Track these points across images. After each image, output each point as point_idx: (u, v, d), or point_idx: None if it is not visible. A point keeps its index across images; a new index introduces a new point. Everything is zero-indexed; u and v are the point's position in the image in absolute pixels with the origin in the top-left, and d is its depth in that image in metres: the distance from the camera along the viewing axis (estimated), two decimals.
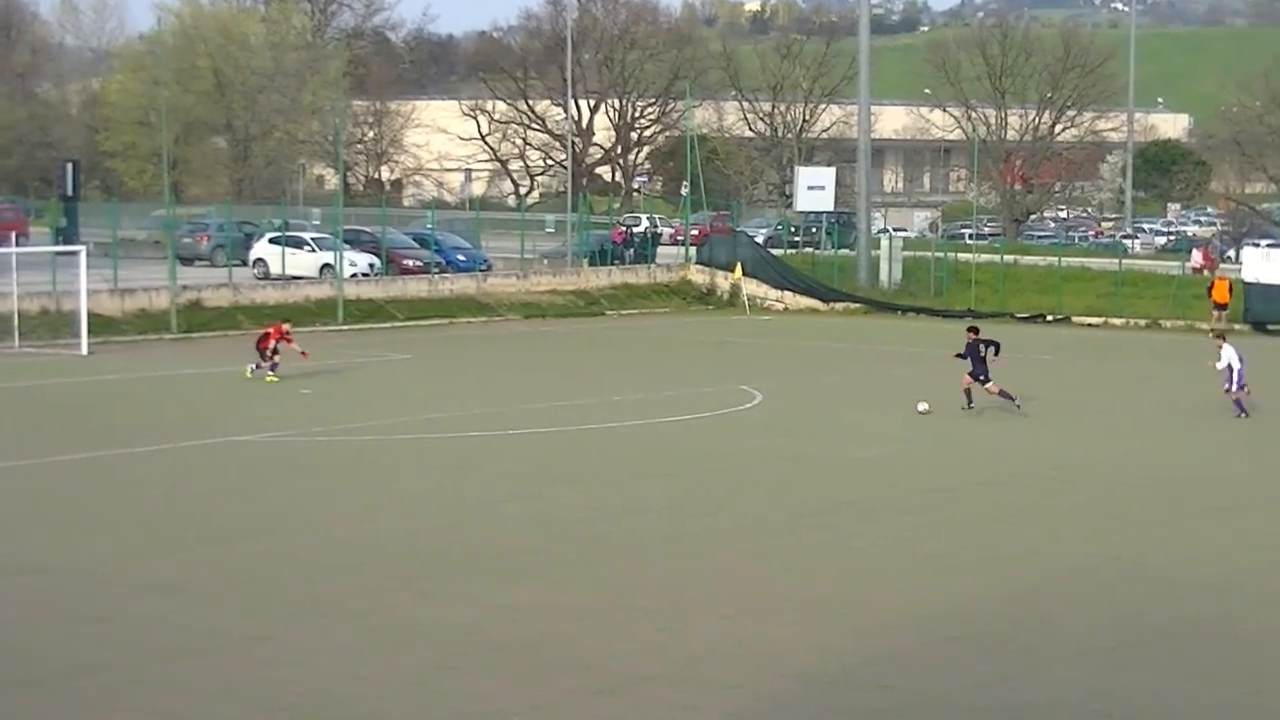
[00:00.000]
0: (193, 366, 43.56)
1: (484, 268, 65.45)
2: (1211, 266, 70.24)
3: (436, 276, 62.03)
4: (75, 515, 24.19)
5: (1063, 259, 69.69)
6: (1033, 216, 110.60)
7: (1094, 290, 65.84)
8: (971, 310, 62.50)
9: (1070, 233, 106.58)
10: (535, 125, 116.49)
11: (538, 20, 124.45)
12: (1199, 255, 73.11)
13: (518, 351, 50.26)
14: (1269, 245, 70.78)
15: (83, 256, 47.80)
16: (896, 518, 24.47)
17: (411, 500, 25.37)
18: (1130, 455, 30.84)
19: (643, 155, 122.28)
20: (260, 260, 62.33)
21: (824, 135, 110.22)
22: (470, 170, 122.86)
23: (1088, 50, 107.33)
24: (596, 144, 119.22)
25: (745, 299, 66.52)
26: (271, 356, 39.38)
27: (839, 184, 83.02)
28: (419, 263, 63.19)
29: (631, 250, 71.62)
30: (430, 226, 69.49)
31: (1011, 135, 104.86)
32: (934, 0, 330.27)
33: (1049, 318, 62.49)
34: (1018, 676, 16.57)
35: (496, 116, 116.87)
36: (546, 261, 69.21)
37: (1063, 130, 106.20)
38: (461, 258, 65.60)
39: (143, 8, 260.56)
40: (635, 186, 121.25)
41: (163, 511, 24.44)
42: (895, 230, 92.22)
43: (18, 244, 53.69)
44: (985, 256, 70.71)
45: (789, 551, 22.10)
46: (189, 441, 30.61)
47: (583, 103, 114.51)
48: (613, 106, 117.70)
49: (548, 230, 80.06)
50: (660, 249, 74.12)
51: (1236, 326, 57.56)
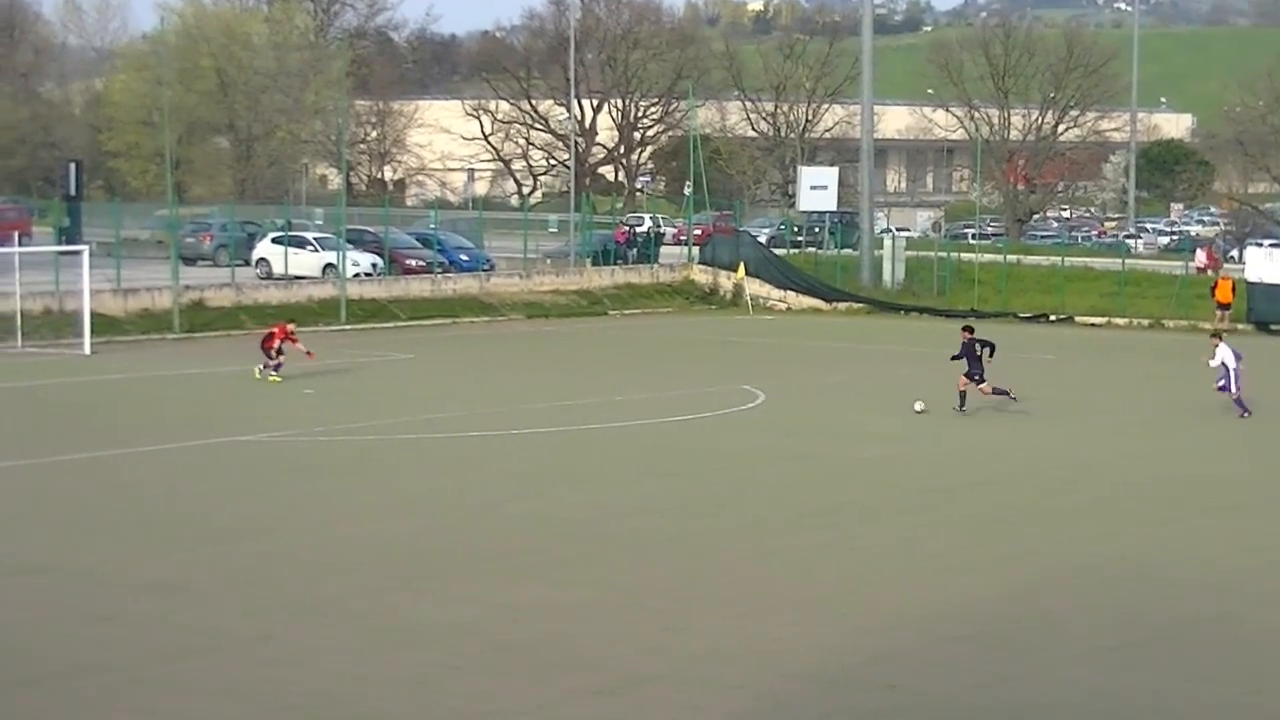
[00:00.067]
0: (195, 366, 43.57)
1: (487, 267, 65.42)
2: (1216, 266, 70.14)
3: (439, 276, 62.00)
4: (76, 515, 24.20)
5: (1066, 259, 69.61)
6: (1036, 216, 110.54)
7: (1097, 290, 65.79)
8: (974, 310, 62.47)
9: (1073, 233, 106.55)
10: (538, 125, 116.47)
11: (541, 20, 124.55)
12: (1203, 255, 72.99)
13: (520, 351, 50.26)
14: (1272, 245, 70.75)
15: (86, 256, 47.84)
16: (899, 517, 24.47)
17: (414, 500, 25.37)
18: (1132, 455, 30.83)
19: (646, 155, 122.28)
20: (263, 260, 62.35)
21: (827, 135, 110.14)
22: (473, 170, 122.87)
23: (1091, 50, 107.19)
24: (599, 144, 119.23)
25: (748, 299, 66.49)
26: (276, 356, 39.38)
27: (842, 184, 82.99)
28: (422, 262, 63.15)
29: (634, 250, 71.60)
30: (433, 226, 69.45)
31: (1014, 135, 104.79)
32: (937, 0, 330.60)
33: (1052, 318, 62.46)
34: (1019, 676, 16.58)
35: (499, 116, 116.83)
36: (549, 261, 69.18)
37: (1066, 130, 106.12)
38: (464, 257, 65.55)
39: (145, 7, 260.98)
40: (638, 186, 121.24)
41: (164, 511, 24.45)
42: (898, 230, 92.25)
43: (21, 244, 53.72)
44: (988, 256, 70.64)
45: (791, 551, 22.10)
46: (191, 441, 30.62)
47: (586, 102, 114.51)
48: (616, 106, 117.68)
49: (551, 230, 80.00)
50: (663, 249, 74.08)
51: (1240, 326, 57.58)
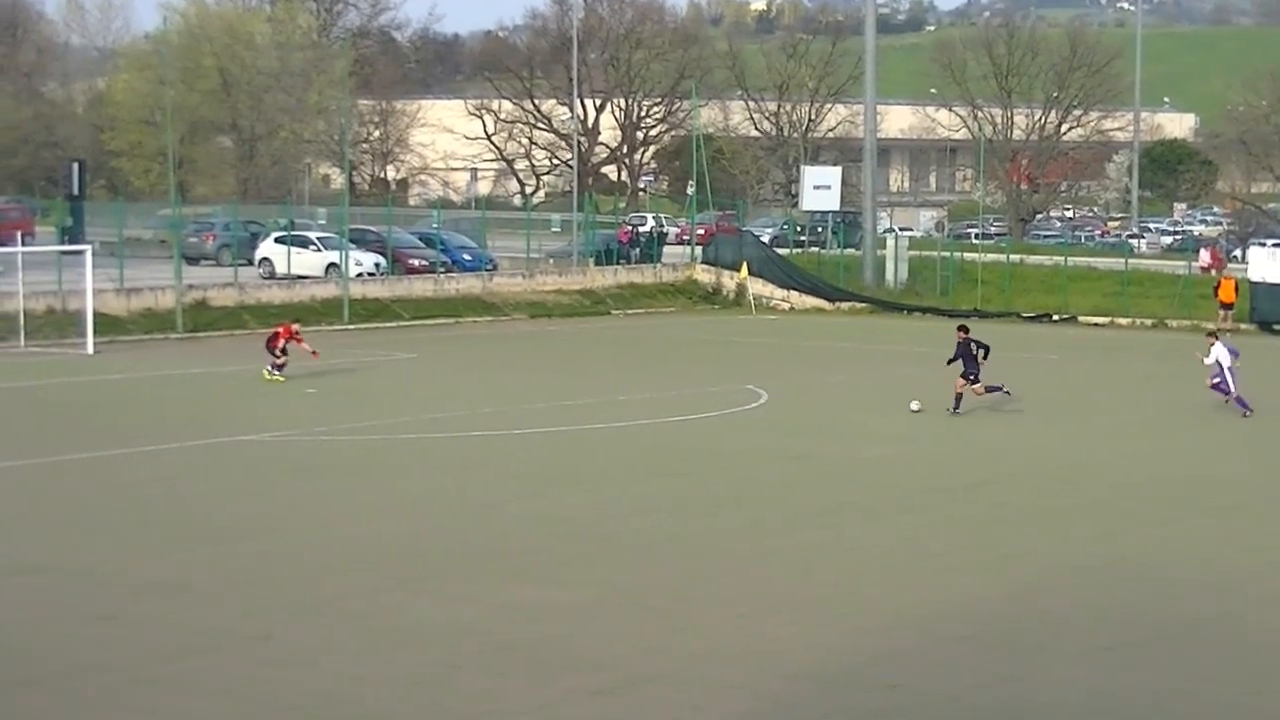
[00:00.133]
0: (198, 366, 43.58)
1: (489, 267, 65.43)
2: (1220, 266, 70.17)
3: (442, 276, 62.00)
4: (78, 515, 24.20)
5: (1069, 258, 69.52)
6: (1039, 216, 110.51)
7: (1100, 290, 65.76)
8: (977, 310, 62.48)
9: (1076, 232, 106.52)
10: (541, 125, 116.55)
11: (543, 20, 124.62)
12: (1207, 255, 73.03)
13: (523, 351, 50.25)
14: (1275, 245, 70.70)
15: (88, 256, 47.89)
16: (899, 517, 24.46)
17: (415, 500, 25.37)
18: (1133, 455, 30.82)
19: (648, 155, 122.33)
20: (266, 260, 62.37)
21: (830, 135, 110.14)
22: (476, 170, 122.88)
23: (1094, 49, 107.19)
24: (602, 143, 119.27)
25: (751, 298, 66.48)
26: (280, 355, 39.39)
27: (845, 183, 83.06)
28: (424, 262, 63.18)
29: (637, 250, 71.61)
30: (436, 226, 69.49)
31: (1017, 135, 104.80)
32: (940, 0, 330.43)
33: (1055, 317, 62.43)
34: (1020, 676, 16.57)
35: (502, 116, 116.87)
36: (552, 261, 69.19)
37: (1069, 130, 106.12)
38: (467, 257, 65.57)
39: (148, 7, 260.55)
40: (641, 186, 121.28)
41: (165, 511, 24.45)
42: (901, 230, 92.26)
43: (24, 243, 53.67)
44: (991, 256, 70.61)
45: (793, 551, 22.09)
46: (193, 441, 30.63)
47: (589, 102, 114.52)
48: (618, 106, 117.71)
49: (553, 230, 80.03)
50: (666, 248, 74.12)
51: (1242, 326, 57.56)
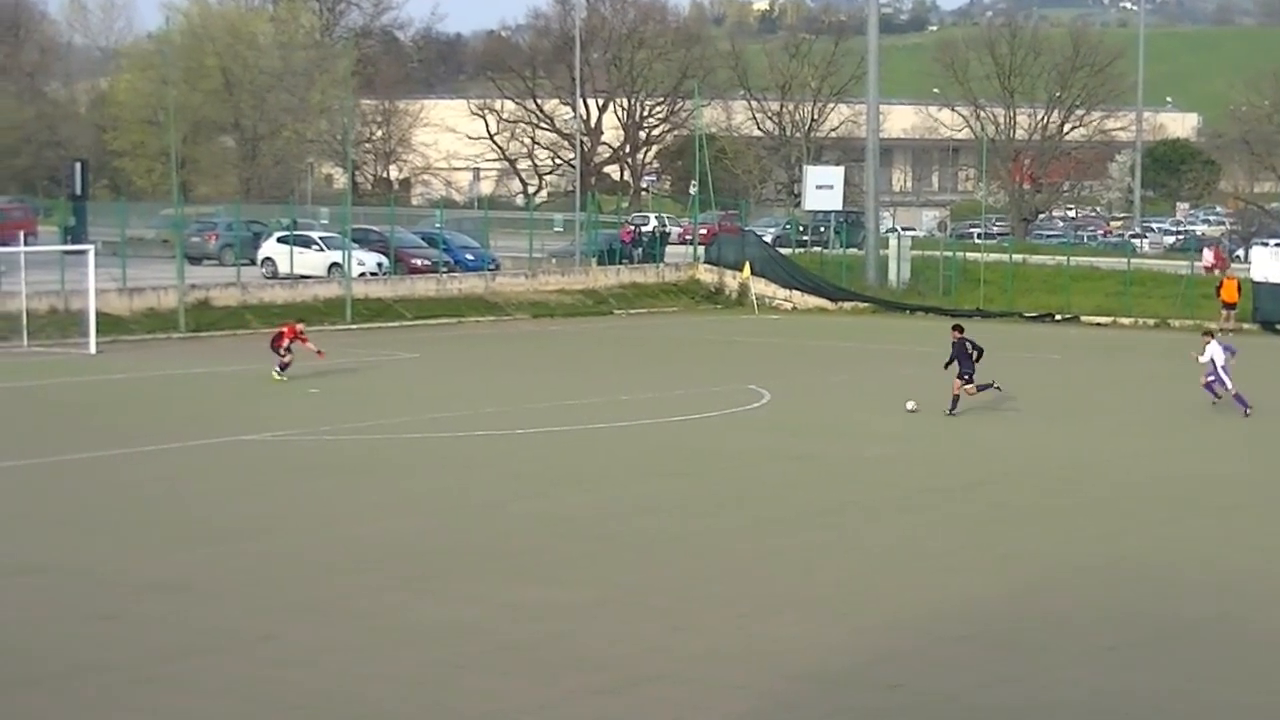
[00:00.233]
0: (201, 366, 43.59)
1: (492, 267, 65.42)
2: (1223, 266, 70.16)
3: (445, 276, 62.00)
4: (79, 515, 24.21)
5: (1071, 258, 69.48)
6: (1041, 216, 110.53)
7: (1102, 290, 65.73)
8: (980, 310, 62.51)
9: (1079, 232, 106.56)
10: (544, 124, 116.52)
11: (546, 19, 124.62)
12: (1210, 254, 73.01)
13: (526, 351, 50.26)
14: (1277, 244, 70.70)
15: (91, 256, 47.92)
16: (902, 517, 24.46)
17: (417, 500, 25.38)
18: (1135, 455, 30.82)
19: (651, 154, 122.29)
20: (268, 259, 62.36)
21: (832, 134, 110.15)
22: (478, 169, 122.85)
23: (1096, 49, 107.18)
24: (605, 143, 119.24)
25: (753, 298, 66.50)
26: (284, 355, 39.39)
27: (847, 183, 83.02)
28: (427, 262, 63.17)
29: (640, 249, 71.62)
30: (438, 226, 69.50)
31: (1020, 134, 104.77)
32: (942, 0, 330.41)
33: (1057, 317, 62.42)
34: (1021, 676, 16.57)
35: (505, 116, 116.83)
36: (555, 261, 69.19)
37: (1071, 129, 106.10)
38: (470, 257, 65.58)
39: (151, 7, 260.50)
40: (643, 186, 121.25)
41: (167, 511, 24.45)
42: (904, 229, 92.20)
43: (26, 243, 53.70)
44: (993, 256, 70.61)
45: (795, 551, 22.09)
46: (196, 440, 30.64)
47: (591, 102, 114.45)
48: (621, 106, 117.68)
49: (556, 229, 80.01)
50: (669, 248, 74.13)
51: (1245, 326, 57.57)
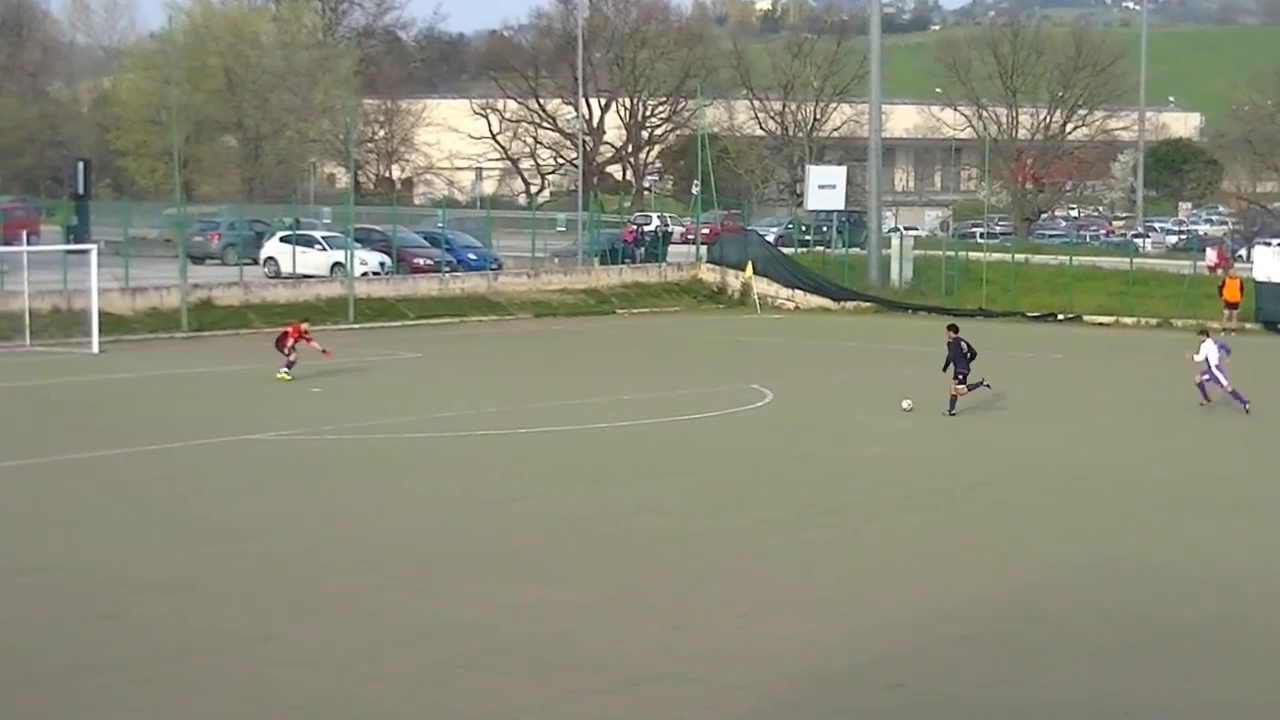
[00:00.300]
0: (203, 365, 43.61)
1: (495, 266, 65.47)
2: (1226, 265, 70.13)
3: (447, 275, 62.03)
4: (81, 514, 24.21)
5: (1074, 258, 69.55)
6: (1044, 215, 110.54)
7: (1105, 289, 65.74)
8: (982, 309, 62.54)
9: (1081, 232, 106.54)
10: (546, 124, 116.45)
11: (548, 19, 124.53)
12: (1214, 254, 73.00)
13: (528, 350, 50.27)
14: None
15: (94, 255, 47.95)
16: (903, 517, 24.47)
17: (419, 499, 25.38)
18: (1135, 455, 30.82)
19: (653, 154, 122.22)
20: (271, 259, 62.40)
21: (835, 134, 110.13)
22: (481, 169, 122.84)
23: (1099, 49, 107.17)
24: (607, 143, 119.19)
25: (756, 298, 66.53)
26: (288, 355, 39.40)
27: (850, 183, 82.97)
28: (430, 261, 63.19)
29: (642, 249, 71.65)
30: (441, 225, 69.51)
31: (1023, 134, 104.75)
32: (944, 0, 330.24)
33: (1060, 317, 62.44)
34: (1021, 676, 16.57)
35: (507, 115, 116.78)
36: (557, 260, 69.23)
37: (1074, 129, 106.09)
38: (472, 256, 65.62)
39: (153, 6, 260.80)
40: (646, 185, 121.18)
41: (168, 510, 24.46)
42: (906, 229, 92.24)
43: (29, 242, 53.74)
44: (996, 255, 70.64)
45: (796, 551, 22.10)
46: (198, 440, 30.65)
47: (594, 101, 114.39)
48: (624, 105, 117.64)
49: (558, 229, 79.99)
50: (671, 248, 74.15)
51: (1248, 326, 57.59)
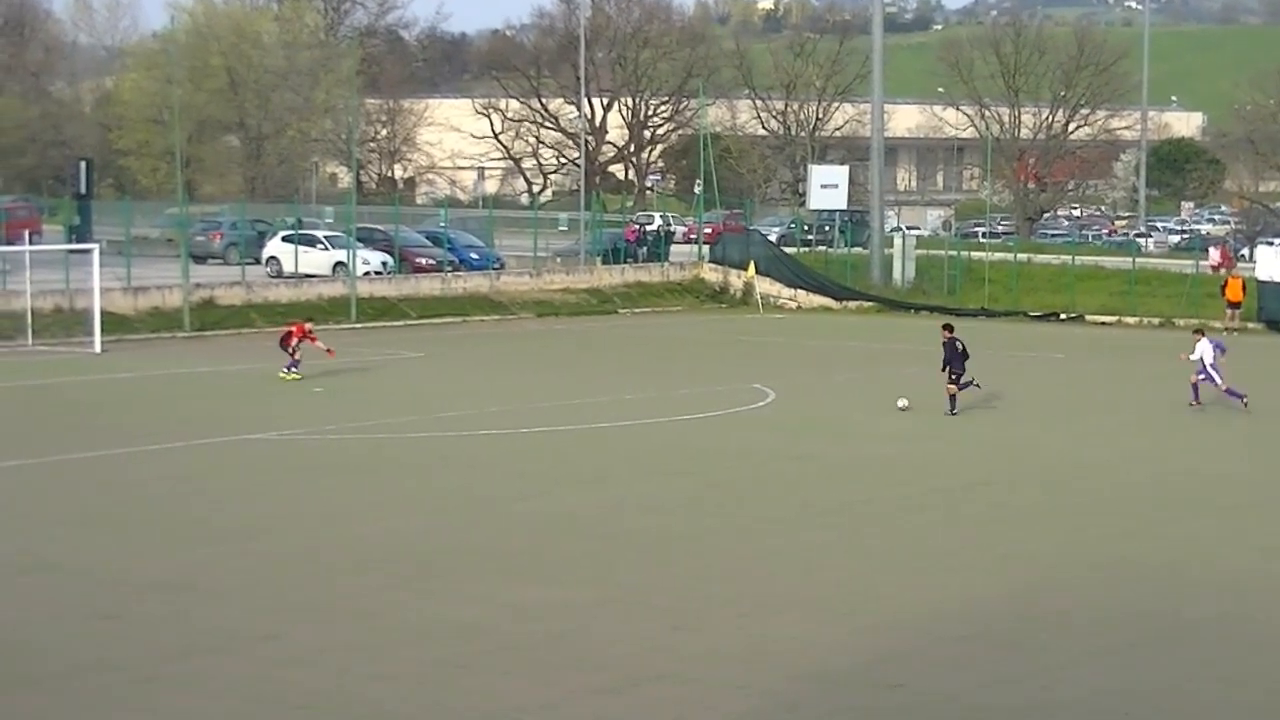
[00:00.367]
0: (206, 364, 43.62)
1: (497, 266, 65.47)
2: (1229, 265, 70.09)
3: (449, 275, 62.04)
4: (84, 514, 24.22)
5: (1076, 257, 69.56)
6: (1046, 215, 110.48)
7: (1107, 289, 65.72)
8: (985, 309, 62.55)
9: (1084, 231, 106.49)
10: (548, 123, 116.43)
11: (551, 19, 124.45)
12: (1217, 253, 72.95)
13: (530, 350, 50.27)
14: None
15: (96, 254, 47.95)
16: (904, 517, 24.46)
17: (422, 499, 25.39)
18: (1137, 455, 30.81)
19: (656, 153, 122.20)
20: (273, 258, 62.41)
21: (837, 133, 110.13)
22: (483, 168, 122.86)
23: (1101, 48, 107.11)
24: (610, 142, 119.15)
25: (758, 297, 66.52)
26: (292, 354, 39.41)
27: (852, 182, 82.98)
28: (432, 261, 63.19)
29: (644, 249, 71.65)
30: (443, 225, 69.48)
31: (1025, 133, 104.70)
32: None
33: (1062, 316, 62.42)
34: (1022, 676, 16.57)
35: (509, 115, 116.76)
36: (559, 260, 69.23)
37: (1076, 128, 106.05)
38: (474, 256, 65.62)
39: (156, 6, 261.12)
40: (648, 185, 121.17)
41: (172, 510, 24.47)
42: (908, 229, 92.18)
43: (31, 242, 53.77)
44: (998, 255, 70.65)
45: (798, 550, 22.10)
46: (200, 440, 30.65)
47: (596, 101, 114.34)
48: (626, 105, 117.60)
49: (561, 228, 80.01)
50: (673, 247, 74.15)
51: (1250, 325, 57.56)
